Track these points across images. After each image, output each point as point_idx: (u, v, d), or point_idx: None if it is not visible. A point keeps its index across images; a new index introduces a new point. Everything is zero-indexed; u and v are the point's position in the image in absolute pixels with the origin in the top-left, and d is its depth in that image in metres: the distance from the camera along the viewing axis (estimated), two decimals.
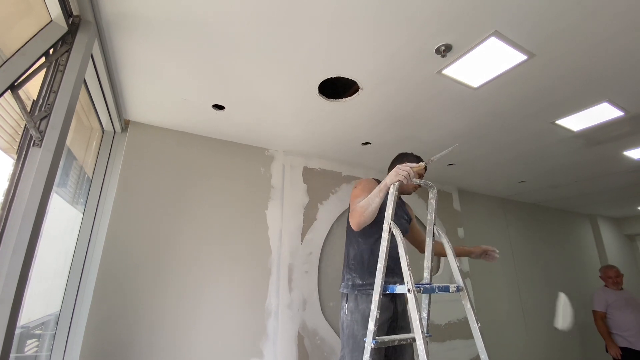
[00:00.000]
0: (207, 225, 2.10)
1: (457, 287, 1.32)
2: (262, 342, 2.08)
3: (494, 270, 3.57)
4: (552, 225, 4.52)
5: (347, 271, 1.75)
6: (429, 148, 2.51)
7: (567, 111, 1.95)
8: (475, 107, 1.89)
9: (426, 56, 1.43)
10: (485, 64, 1.49)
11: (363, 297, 1.63)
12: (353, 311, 1.64)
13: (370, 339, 1.34)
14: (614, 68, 1.56)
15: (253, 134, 2.24)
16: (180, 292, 1.91)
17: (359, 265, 1.71)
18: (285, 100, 1.80)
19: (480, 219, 3.68)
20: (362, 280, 1.68)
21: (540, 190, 3.72)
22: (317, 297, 2.35)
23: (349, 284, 1.71)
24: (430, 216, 1.58)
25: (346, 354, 1.61)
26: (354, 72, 1.55)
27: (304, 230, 2.45)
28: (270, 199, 2.38)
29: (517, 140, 2.38)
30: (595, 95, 1.79)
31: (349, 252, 1.78)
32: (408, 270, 1.26)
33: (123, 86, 1.67)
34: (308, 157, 2.64)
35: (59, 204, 1.77)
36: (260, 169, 2.40)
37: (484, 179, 3.30)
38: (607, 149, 2.56)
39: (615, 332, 3.42)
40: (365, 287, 1.65)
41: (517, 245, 3.92)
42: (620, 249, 5.26)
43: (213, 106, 1.84)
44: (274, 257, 2.27)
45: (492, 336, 3.23)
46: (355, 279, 1.70)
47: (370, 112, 1.94)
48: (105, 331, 1.68)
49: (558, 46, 1.39)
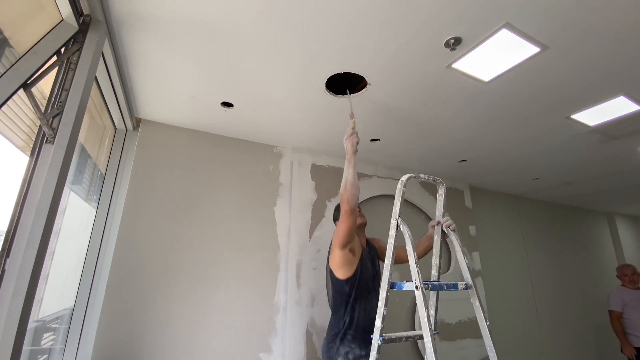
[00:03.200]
0: (217, 222, 2.12)
1: (465, 285, 1.30)
2: (271, 337, 2.09)
3: (507, 269, 3.51)
4: (568, 223, 4.41)
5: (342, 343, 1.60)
6: (439, 144, 2.47)
7: (582, 105, 1.89)
8: (486, 102, 1.85)
9: (435, 50, 1.41)
10: (496, 57, 1.45)
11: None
12: None
13: (378, 335, 1.33)
14: (631, 60, 1.50)
15: (262, 131, 2.25)
16: (191, 288, 1.94)
17: (359, 334, 1.59)
18: (293, 97, 1.79)
19: (492, 216, 3.62)
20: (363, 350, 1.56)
21: (554, 187, 3.63)
22: (325, 294, 2.35)
23: (349, 357, 1.56)
24: (438, 212, 1.56)
25: None
26: (361, 67, 1.54)
27: (312, 227, 2.46)
28: (279, 196, 2.39)
29: (530, 136, 2.32)
30: (612, 88, 1.73)
31: (344, 321, 1.64)
32: (416, 267, 1.25)
33: (134, 84, 1.69)
34: (316, 154, 2.63)
35: (74, 201, 1.82)
36: (269, 166, 2.41)
37: (497, 176, 3.24)
38: (624, 144, 2.48)
39: (631, 332, 3.33)
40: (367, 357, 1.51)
41: (530, 243, 3.84)
42: (638, 248, 5.09)
43: (222, 104, 1.85)
44: (282, 254, 2.28)
45: (505, 334, 3.18)
46: (355, 350, 1.57)
47: (379, 108, 1.92)
48: (118, 326, 1.72)
49: (572, 37, 1.35)
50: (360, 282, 1.68)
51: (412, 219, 2.92)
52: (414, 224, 2.93)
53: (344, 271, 1.67)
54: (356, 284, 1.67)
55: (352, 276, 1.67)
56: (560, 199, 4.26)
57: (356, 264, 1.68)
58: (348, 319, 1.65)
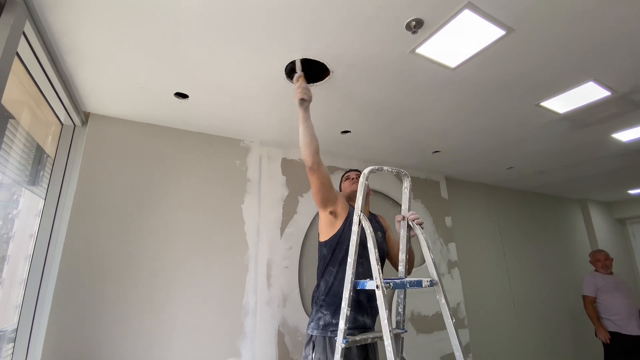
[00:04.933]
0: (179, 222, 2.00)
1: (430, 282, 1.23)
2: (239, 341, 2.00)
3: (484, 258, 3.52)
4: (543, 211, 4.48)
5: (318, 309, 1.54)
6: (412, 135, 2.41)
7: (551, 92, 1.86)
8: (454, 90, 1.79)
9: (397, 33, 1.32)
10: (461, 41, 1.38)
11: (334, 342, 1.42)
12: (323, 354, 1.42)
13: (341, 338, 1.26)
14: (599, 43, 1.46)
15: (225, 124, 2.12)
16: (151, 292, 1.82)
17: (333, 300, 1.50)
18: (253, 86, 1.68)
19: (468, 207, 3.61)
20: (336, 318, 1.46)
21: (529, 176, 3.65)
22: (298, 293, 2.27)
23: (320, 324, 1.49)
24: (404, 206, 1.49)
25: None
26: (320, 52, 1.44)
27: (284, 224, 2.36)
28: (247, 192, 2.28)
29: (501, 125, 2.29)
30: (580, 73, 1.69)
31: (320, 286, 1.59)
32: (377, 265, 1.17)
33: (73, 75, 1.54)
34: (286, 147, 2.53)
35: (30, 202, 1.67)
36: (235, 161, 2.29)
37: (471, 166, 3.22)
38: (595, 131, 2.48)
39: (605, 317, 3.40)
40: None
41: (506, 232, 3.87)
42: (611, 233, 5.24)
43: (176, 94, 1.72)
44: (251, 253, 2.18)
45: (482, 322, 3.20)
46: (327, 317, 1.49)
47: (344, 98, 1.83)
48: (68, 338, 1.58)
49: (537, 19, 1.28)
50: (339, 246, 1.58)
51: (388, 212, 2.87)
52: (391, 216, 2.88)
53: (324, 234, 1.64)
54: (334, 248, 1.58)
55: (329, 239, 1.61)
56: (534, 188, 4.31)
57: (337, 227, 1.61)
58: (323, 284, 1.58)
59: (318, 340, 1.49)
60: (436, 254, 3.04)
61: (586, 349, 4.02)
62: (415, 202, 3.08)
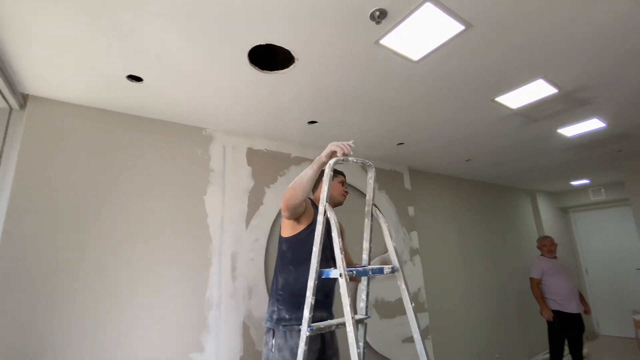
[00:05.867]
0: (135, 215, 1.88)
1: (392, 269, 1.27)
2: (203, 335, 1.95)
3: (443, 245, 3.71)
4: (497, 201, 4.79)
5: (273, 302, 1.59)
6: (377, 127, 2.44)
7: (505, 88, 1.96)
8: (418, 83, 1.83)
9: (362, 23, 1.32)
10: (423, 35, 1.41)
11: (293, 332, 1.49)
12: (282, 348, 1.48)
13: (306, 326, 1.26)
14: (548, 43, 1.55)
15: (185, 111, 2.02)
16: (106, 290, 1.71)
17: (288, 297, 1.55)
18: (214, 71, 1.60)
19: (430, 197, 3.77)
20: (289, 314, 1.52)
21: (485, 168, 3.87)
22: (264, 284, 2.25)
23: (274, 317, 1.55)
24: (368, 196, 1.51)
25: None
26: (285, 38, 1.40)
27: (249, 215, 2.32)
28: (210, 183, 2.20)
29: (461, 118, 2.39)
30: (531, 71, 1.80)
31: (277, 281, 1.62)
32: (340, 254, 1.19)
33: (7, 52, 1.38)
34: (252, 137, 2.47)
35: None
36: (196, 150, 2.19)
37: (433, 158, 3.35)
38: (543, 126, 2.67)
39: (548, 297, 3.74)
40: (292, 322, 1.51)
41: (464, 221, 4.10)
42: (555, 221, 5.74)
43: (128, 77, 1.60)
44: (214, 246, 2.11)
45: (441, 304, 3.38)
46: (281, 312, 1.54)
47: (311, 87, 1.81)
48: (10, 345, 1.45)
49: (494, 17, 1.34)
50: (300, 247, 1.60)
51: (354, 202, 2.91)
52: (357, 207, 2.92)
53: (286, 231, 1.66)
54: (294, 248, 1.62)
55: (291, 237, 1.64)
56: (490, 179, 4.58)
57: (300, 229, 1.64)
58: (280, 279, 1.62)
59: (276, 332, 1.54)
60: (399, 242, 3.15)
61: (532, 326, 4.40)
62: (380, 193, 3.16)
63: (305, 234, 1.62)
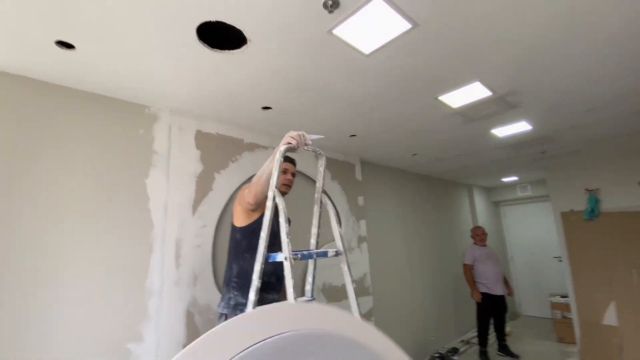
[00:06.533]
0: (65, 197, 1.72)
1: (336, 252, 1.33)
2: (142, 324, 1.87)
3: (389, 234, 3.93)
4: (439, 194, 5.17)
5: (228, 289, 1.63)
6: (331, 117, 2.49)
7: (447, 88, 2.11)
8: (369, 76, 1.90)
9: (315, 10, 1.33)
10: (374, 29, 1.46)
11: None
12: None
13: (251, 308, 1.27)
14: (485, 49, 1.70)
15: (126, 86, 1.87)
16: (24, 285, 1.55)
17: (244, 283, 1.59)
18: (159, 45, 1.51)
19: (379, 188, 3.95)
20: (245, 299, 1.57)
21: (429, 162, 4.15)
22: (210, 271, 2.20)
23: (231, 303, 1.59)
24: (318, 183, 1.55)
25: None
26: (237, 18, 1.36)
27: (197, 201, 2.24)
28: (153, 166, 2.07)
29: (409, 114, 2.52)
30: (470, 74, 1.96)
31: (232, 268, 1.66)
32: (287, 238, 1.21)
33: None
34: (202, 119, 2.36)
35: None
36: (138, 130, 2.05)
37: (383, 151, 3.50)
38: (479, 126, 2.92)
39: (478, 281, 4.17)
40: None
41: (409, 211, 4.37)
42: (488, 213, 6.36)
43: (57, 43, 1.44)
44: (157, 232, 2.01)
45: (385, 289, 3.59)
46: (237, 297, 1.59)
47: (264, 71, 1.78)
48: None
49: (439, 19, 1.43)
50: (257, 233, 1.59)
51: (305, 189, 2.95)
52: (309, 194, 2.97)
53: (240, 220, 1.68)
54: (250, 235, 1.65)
55: (245, 227, 1.68)
56: (434, 173, 4.92)
57: (254, 218, 1.68)
58: (236, 267, 1.66)
59: (230, 317, 1.54)
60: (348, 229, 3.27)
61: (463, 308, 4.88)
62: (332, 182, 3.24)
63: (261, 222, 1.62)
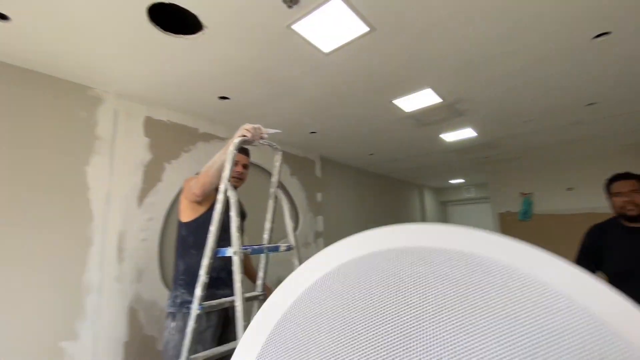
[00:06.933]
0: None
1: (288, 246, 1.35)
2: (78, 322, 1.73)
3: (345, 230, 4.04)
4: (393, 192, 5.41)
5: (176, 287, 1.58)
6: (291, 113, 2.48)
7: (401, 92, 2.22)
8: (328, 75, 1.93)
9: (273, 3, 1.32)
10: (333, 29, 1.49)
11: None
12: (182, 330, 1.47)
13: (197, 304, 1.25)
14: (436, 58, 1.81)
15: (67, 64, 1.70)
16: None
17: (191, 280, 1.53)
18: (104, 22, 1.39)
19: (338, 185, 4.04)
20: (192, 296, 1.49)
21: (384, 162, 4.32)
22: (157, 266, 2.10)
23: (177, 301, 1.54)
24: (274, 178, 1.55)
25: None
26: (190, 1, 1.30)
27: (144, 192, 2.12)
28: (95, 152, 1.92)
29: (366, 115, 2.61)
30: (422, 80, 2.08)
31: (179, 266, 1.60)
32: (237, 232, 1.20)
33: None
34: (152, 105, 2.23)
35: None
36: (79, 112, 1.88)
37: (342, 149, 3.58)
38: (430, 130, 3.11)
39: None
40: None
41: (365, 208, 4.53)
42: (436, 212, 6.81)
43: None
44: (96, 224, 1.87)
45: None
46: (184, 295, 1.54)
47: (221, 60, 1.73)
48: None
49: (394, 24, 1.50)
50: (202, 230, 1.56)
51: (262, 183, 2.92)
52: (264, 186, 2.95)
53: (185, 215, 1.62)
54: (196, 232, 1.60)
55: (191, 221, 1.61)
56: (389, 173, 5.14)
57: (201, 212, 1.62)
58: (182, 264, 1.60)
59: (177, 315, 1.51)
60: (306, 225, 3.31)
61: None
62: (292, 178, 3.24)
63: (207, 216, 1.59)
